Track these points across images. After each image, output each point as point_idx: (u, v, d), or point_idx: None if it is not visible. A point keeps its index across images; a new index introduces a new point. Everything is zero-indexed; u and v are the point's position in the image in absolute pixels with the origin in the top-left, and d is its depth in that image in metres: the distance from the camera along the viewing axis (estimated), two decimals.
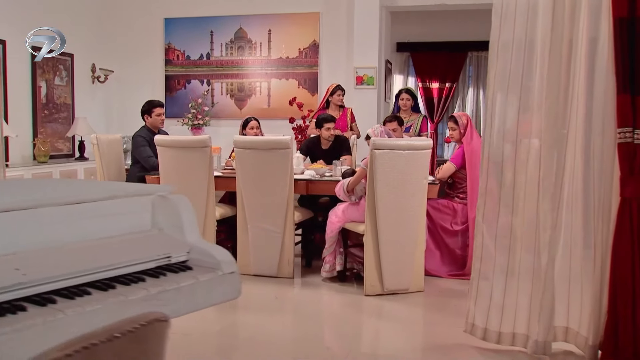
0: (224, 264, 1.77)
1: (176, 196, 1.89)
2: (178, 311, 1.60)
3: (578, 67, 2.91)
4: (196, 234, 1.86)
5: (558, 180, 2.95)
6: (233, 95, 7.36)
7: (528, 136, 3.04)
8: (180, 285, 1.63)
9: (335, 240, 4.39)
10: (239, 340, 3.43)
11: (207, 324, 3.52)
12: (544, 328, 2.99)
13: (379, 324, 3.81)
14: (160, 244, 1.78)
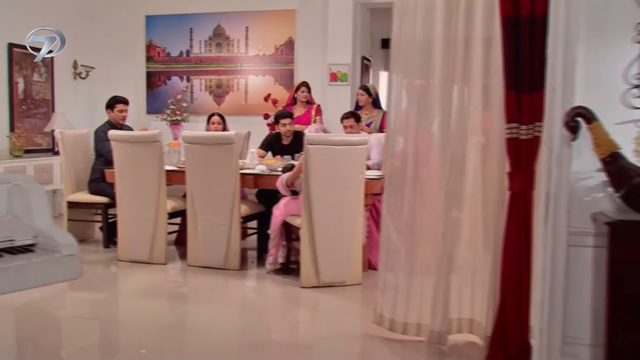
0: (64, 247, 1.95)
1: (30, 185, 2.08)
2: (3, 289, 1.78)
3: (474, 65, 3.02)
4: (46, 219, 2.04)
5: (454, 175, 3.06)
6: (212, 92, 7.58)
7: (427, 133, 3.16)
8: (9, 265, 1.81)
9: (278, 234, 4.55)
10: (187, 330, 3.64)
11: (160, 315, 3.78)
12: (440, 319, 3.10)
13: (302, 314, 3.97)
14: (7, 228, 1.97)
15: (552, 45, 2.58)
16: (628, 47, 2.48)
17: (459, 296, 3.25)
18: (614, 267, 2.21)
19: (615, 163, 2.28)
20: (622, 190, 2.28)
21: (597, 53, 2.52)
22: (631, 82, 2.49)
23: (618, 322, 2.21)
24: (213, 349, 3.19)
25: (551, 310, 2.61)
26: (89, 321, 3.65)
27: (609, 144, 2.28)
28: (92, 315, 3.81)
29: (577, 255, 2.56)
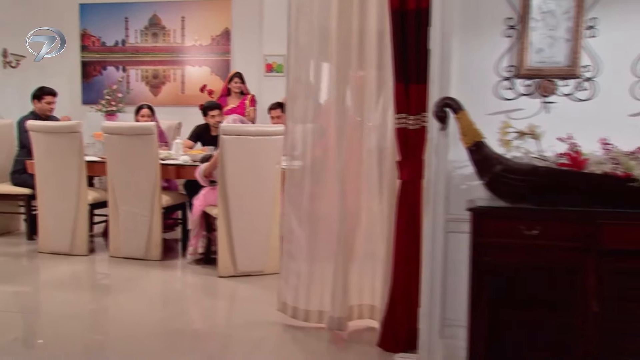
0: None
1: None
2: None
3: (369, 57, 3.09)
4: None
5: (351, 165, 3.14)
6: (148, 82, 7.50)
7: (325, 123, 3.23)
8: None
9: (198, 224, 4.57)
10: (108, 320, 3.67)
11: (81, 306, 3.77)
12: (339, 305, 3.19)
13: (215, 304, 4.02)
14: None
15: (432, 39, 2.67)
16: (499, 41, 2.60)
17: (360, 283, 3.34)
18: (476, 251, 2.32)
19: (479, 152, 2.38)
20: (486, 178, 2.39)
21: (471, 46, 2.63)
22: (502, 75, 2.61)
23: (480, 304, 2.33)
24: (132, 337, 3.21)
25: (431, 295, 2.72)
26: (10, 314, 3.62)
27: (473, 134, 2.38)
28: (13, 309, 3.78)
29: (455, 241, 2.68)
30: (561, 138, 2.39)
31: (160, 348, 3.13)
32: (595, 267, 2.23)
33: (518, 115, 2.59)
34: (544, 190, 2.31)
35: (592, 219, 2.22)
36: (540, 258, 2.27)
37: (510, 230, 2.28)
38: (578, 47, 2.52)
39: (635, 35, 2.49)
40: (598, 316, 2.23)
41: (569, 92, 2.56)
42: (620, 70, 2.51)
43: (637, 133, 2.47)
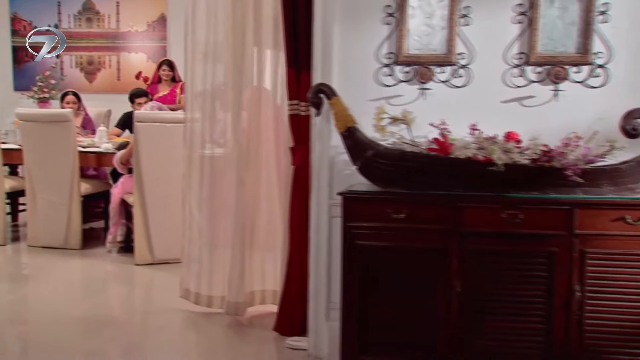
0: None
1: None
2: None
3: (264, 43, 3.12)
4: None
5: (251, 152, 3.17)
6: (83, 69, 7.38)
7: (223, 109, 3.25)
8: None
9: (117, 212, 4.55)
10: (28, 309, 3.63)
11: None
12: (236, 291, 3.23)
13: (123, 291, 4.03)
14: None
15: (314, 26, 2.70)
16: (378, 28, 2.65)
17: (263, 268, 3.39)
18: (347, 235, 2.38)
19: (352, 137, 2.44)
20: (359, 163, 2.44)
21: (352, 33, 2.68)
22: (382, 62, 2.67)
23: (351, 286, 2.39)
24: (49, 326, 3.19)
25: (317, 279, 2.78)
26: None
27: (346, 119, 2.43)
28: None
29: (338, 226, 2.73)
30: (433, 123, 2.46)
31: (72, 336, 3.13)
32: (458, 248, 2.31)
33: (398, 102, 2.65)
34: (412, 174, 2.38)
35: (454, 202, 2.30)
36: (407, 241, 2.34)
37: (379, 214, 2.34)
38: (453, 35, 2.59)
39: (506, 23, 2.57)
40: (461, 296, 2.31)
41: (446, 79, 2.63)
42: (493, 58, 2.59)
43: (509, 118, 2.56)
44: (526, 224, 2.26)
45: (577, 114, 2.49)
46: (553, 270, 2.26)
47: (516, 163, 2.28)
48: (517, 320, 2.31)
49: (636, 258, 2.22)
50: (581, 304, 2.25)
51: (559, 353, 2.28)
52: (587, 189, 2.28)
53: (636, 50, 2.51)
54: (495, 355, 2.33)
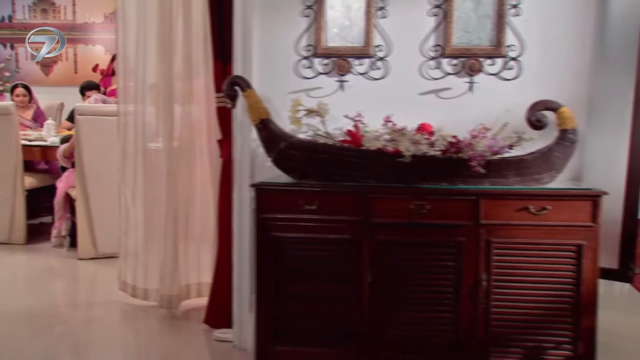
0: None
1: None
2: None
3: (195, 35, 3.13)
4: None
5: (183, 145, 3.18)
6: (39, 61, 7.31)
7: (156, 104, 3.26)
8: None
9: (62, 206, 4.54)
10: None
11: None
12: (169, 283, 3.25)
13: (64, 285, 4.02)
14: None
15: (234, 18, 2.72)
16: (298, 20, 2.68)
17: (198, 261, 3.41)
18: (260, 227, 2.41)
19: (265, 129, 2.46)
20: (272, 155, 2.47)
21: (272, 25, 2.70)
22: (301, 54, 2.70)
23: (265, 278, 2.43)
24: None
25: (240, 270, 2.81)
26: None
27: (259, 111, 2.46)
28: None
29: None
30: (347, 115, 2.50)
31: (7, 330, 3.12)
32: (368, 239, 2.35)
33: (317, 94, 2.68)
34: (325, 166, 2.41)
35: (364, 193, 2.33)
36: (319, 232, 2.37)
37: (291, 205, 2.37)
38: (370, 28, 2.62)
39: (422, 16, 2.60)
40: (372, 286, 2.36)
41: (364, 71, 2.66)
42: (410, 50, 2.62)
43: (426, 110, 2.60)
44: (434, 214, 2.31)
45: (491, 105, 2.53)
46: (460, 259, 2.32)
47: (425, 154, 2.33)
48: (427, 309, 2.37)
49: (539, 247, 2.28)
50: (487, 293, 2.31)
51: (467, 341, 2.34)
52: (494, 179, 2.33)
53: (547, 43, 2.56)
54: (406, 344, 2.38)
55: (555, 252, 2.28)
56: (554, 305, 2.31)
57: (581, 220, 2.26)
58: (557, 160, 2.34)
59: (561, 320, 2.31)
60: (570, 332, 2.30)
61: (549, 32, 2.56)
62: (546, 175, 2.34)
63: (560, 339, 2.31)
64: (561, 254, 2.28)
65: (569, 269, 2.28)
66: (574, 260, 2.27)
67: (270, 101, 2.67)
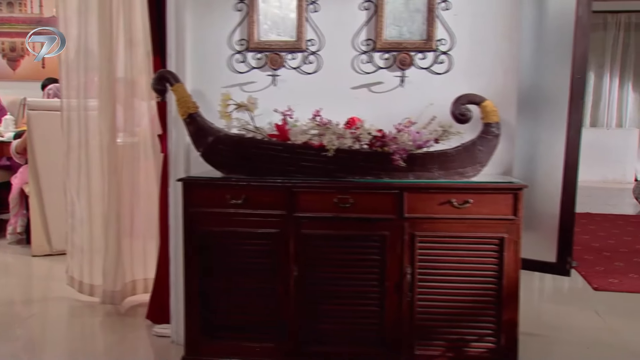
0: None
1: None
2: None
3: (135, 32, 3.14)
4: None
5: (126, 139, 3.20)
6: (5, 55, 7.30)
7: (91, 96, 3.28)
8: None
9: (17, 202, 4.55)
10: None
11: None
12: (111, 279, 3.27)
13: (16, 281, 4.03)
14: None
15: (167, 12, 2.73)
16: (231, 15, 2.70)
17: (145, 257, 3.43)
18: (188, 221, 2.44)
19: (193, 123, 2.49)
20: (201, 149, 2.50)
21: (205, 19, 2.72)
22: (235, 48, 2.72)
23: (193, 272, 2.45)
24: None
25: (175, 265, 2.84)
26: None
27: (187, 105, 2.48)
28: None
29: None
30: (277, 110, 2.52)
31: None
32: (294, 233, 2.38)
33: (251, 88, 2.71)
34: (252, 160, 2.44)
35: (289, 187, 2.36)
36: (246, 226, 2.40)
37: (218, 199, 2.40)
38: (302, 22, 2.64)
39: (354, 10, 2.63)
40: (299, 280, 2.39)
41: (297, 66, 2.69)
42: (342, 44, 2.65)
43: (359, 104, 2.64)
44: (358, 208, 2.34)
45: (423, 99, 2.56)
46: (385, 253, 2.35)
47: (351, 148, 2.36)
48: (354, 303, 2.40)
49: (462, 240, 2.32)
50: (412, 286, 2.35)
51: (393, 334, 2.38)
52: (419, 173, 2.37)
53: (477, 37, 2.59)
54: (333, 338, 2.41)
55: (477, 245, 2.32)
56: (477, 297, 2.35)
57: (503, 214, 2.30)
58: (480, 154, 2.38)
59: (484, 313, 2.35)
60: (492, 325, 2.34)
61: (478, 26, 2.59)
62: (470, 169, 2.38)
63: (483, 331, 2.35)
64: (483, 247, 2.32)
65: (491, 262, 2.32)
66: (496, 253, 2.31)
67: (204, 96, 2.70)
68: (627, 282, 3.93)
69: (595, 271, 4.17)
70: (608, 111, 9.31)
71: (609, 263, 4.40)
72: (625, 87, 9.16)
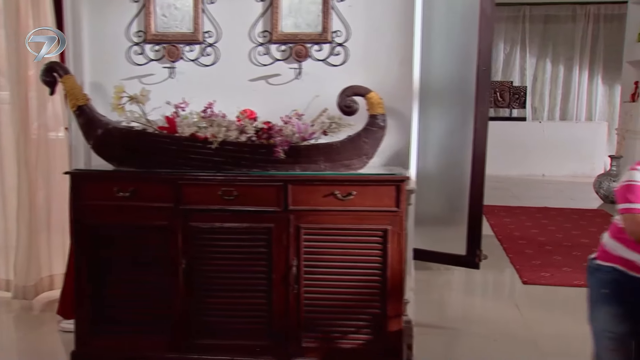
0: None
1: None
2: None
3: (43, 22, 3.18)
4: None
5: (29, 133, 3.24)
6: None
7: None
8: None
9: None
10: None
11: None
12: (23, 274, 3.32)
13: None
14: None
15: (64, 3, 2.77)
16: (129, 6, 2.74)
17: (64, 252, 3.46)
18: (76, 214, 2.48)
19: (83, 116, 2.53)
20: (91, 141, 2.54)
21: (103, 11, 2.76)
22: (132, 40, 2.76)
23: (82, 265, 2.50)
24: None
25: None
26: None
27: (77, 97, 2.52)
28: None
29: None
30: (169, 102, 2.57)
31: None
32: (181, 226, 2.43)
33: (150, 81, 2.75)
34: (143, 153, 2.49)
35: (175, 180, 2.41)
36: (134, 219, 2.45)
37: (106, 192, 2.44)
38: (199, 13, 2.69)
39: (250, 1, 2.68)
40: (187, 273, 2.44)
41: (195, 58, 2.74)
42: (239, 36, 2.70)
43: (257, 96, 2.69)
44: (243, 200, 2.39)
45: (320, 91, 2.60)
46: (271, 245, 2.41)
47: (238, 140, 2.41)
48: (242, 296, 2.46)
49: (346, 232, 2.38)
50: (298, 278, 2.40)
51: (280, 327, 2.43)
52: (305, 165, 2.42)
53: (372, 29, 2.65)
54: (223, 331, 2.47)
55: (362, 237, 2.38)
56: (363, 290, 2.41)
57: (386, 205, 2.35)
58: (366, 145, 2.43)
59: (369, 305, 2.41)
60: (377, 317, 2.40)
61: (373, 18, 2.64)
62: (356, 161, 2.44)
63: (367, 323, 2.41)
64: (367, 239, 2.38)
65: (376, 254, 2.38)
66: (380, 245, 2.37)
67: (102, 88, 2.75)
68: (559, 275, 4.01)
69: (531, 265, 4.24)
70: (577, 104, 9.40)
71: (548, 257, 4.48)
72: (594, 80, 9.26)
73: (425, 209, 3.14)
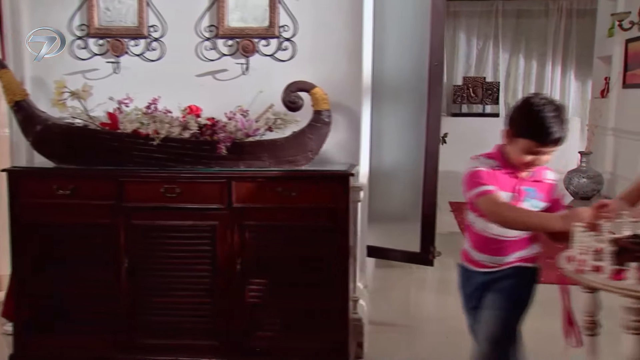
0: None
1: None
2: None
3: None
4: None
5: None
6: None
7: None
8: None
9: None
10: None
11: None
12: None
13: None
14: None
15: None
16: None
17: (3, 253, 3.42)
18: (15, 212, 2.45)
19: (22, 111, 2.50)
20: (30, 138, 2.51)
21: (43, 3, 2.72)
22: (75, 34, 2.73)
23: (22, 265, 2.48)
24: None
25: None
26: None
27: (14, 92, 2.49)
28: None
29: None
30: (112, 97, 2.54)
31: None
32: (124, 224, 2.42)
33: (94, 76, 2.73)
34: (84, 150, 2.47)
35: (116, 177, 2.40)
36: (76, 217, 2.43)
37: (46, 190, 2.42)
38: (143, 7, 2.67)
39: None
40: (130, 272, 2.43)
41: (140, 52, 2.72)
42: (186, 30, 2.69)
43: (204, 92, 2.68)
44: (186, 198, 2.39)
45: (267, 87, 2.60)
46: (215, 243, 2.40)
47: (181, 137, 2.40)
48: (185, 295, 2.45)
49: (290, 229, 2.38)
50: (243, 277, 2.40)
51: (224, 327, 2.43)
52: (250, 162, 2.42)
53: (319, 24, 2.65)
54: (167, 331, 2.46)
55: (306, 234, 2.38)
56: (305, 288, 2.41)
57: (329, 202, 2.36)
58: (310, 142, 2.44)
59: (315, 303, 2.41)
60: (324, 312, 2.41)
61: (321, 13, 2.65)
62: (301, 157, 2.44)
63: (313, 320, 2.42)
64: (312, 235, 2.39)
65: (322, 251, 2.38)
66: (326, 242, 2.38)
67: (45, 83, 2.72)
68: None
69: None
70: None
71: None
72: (567, 75, 9.35)
73: (382, 206, 3.17)
